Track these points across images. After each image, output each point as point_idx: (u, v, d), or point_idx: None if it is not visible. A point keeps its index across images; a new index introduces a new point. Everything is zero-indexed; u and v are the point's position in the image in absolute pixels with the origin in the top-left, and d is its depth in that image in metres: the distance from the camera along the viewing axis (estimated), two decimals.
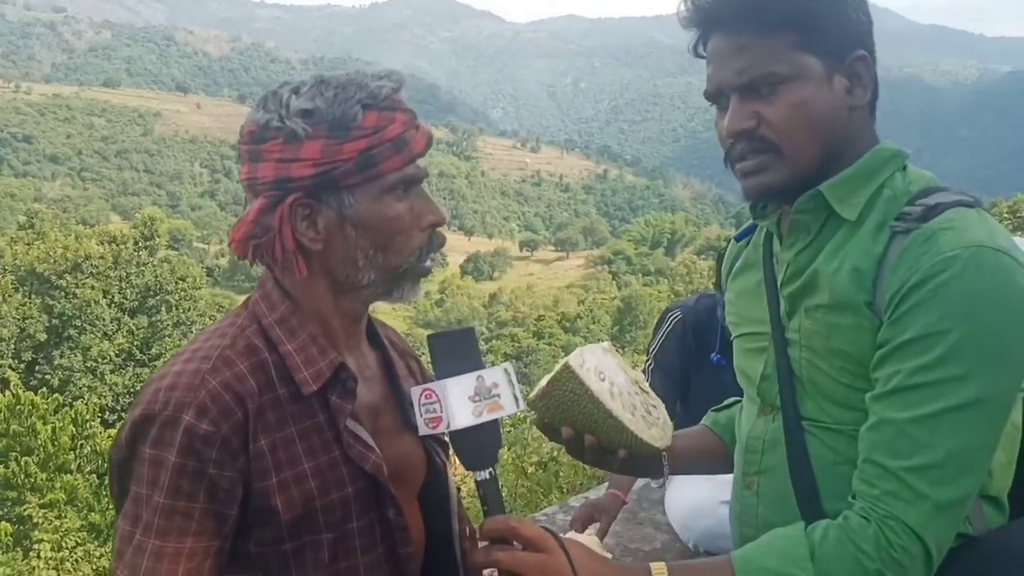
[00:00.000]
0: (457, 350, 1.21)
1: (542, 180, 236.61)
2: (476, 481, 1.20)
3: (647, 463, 1.53)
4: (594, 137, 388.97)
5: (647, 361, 3.24)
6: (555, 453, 7.15)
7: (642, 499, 3.62)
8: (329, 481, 1.30)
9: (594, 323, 61.62)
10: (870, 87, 1.37)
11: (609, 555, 2.13)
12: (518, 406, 1.20)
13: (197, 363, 1.26)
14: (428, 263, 1.38)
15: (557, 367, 1.37)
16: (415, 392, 1.21)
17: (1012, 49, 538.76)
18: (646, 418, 1.45)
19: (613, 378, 1.42)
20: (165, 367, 1.29)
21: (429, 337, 1.21)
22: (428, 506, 1.49)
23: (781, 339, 1.44)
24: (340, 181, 1.27)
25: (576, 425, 1.42)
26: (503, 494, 1.15)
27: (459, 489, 1.56)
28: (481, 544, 1.20)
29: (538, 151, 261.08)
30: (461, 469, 1.28)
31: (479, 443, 1.19)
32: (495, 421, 1.19)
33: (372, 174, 1.28)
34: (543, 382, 1.39)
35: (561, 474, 7.48)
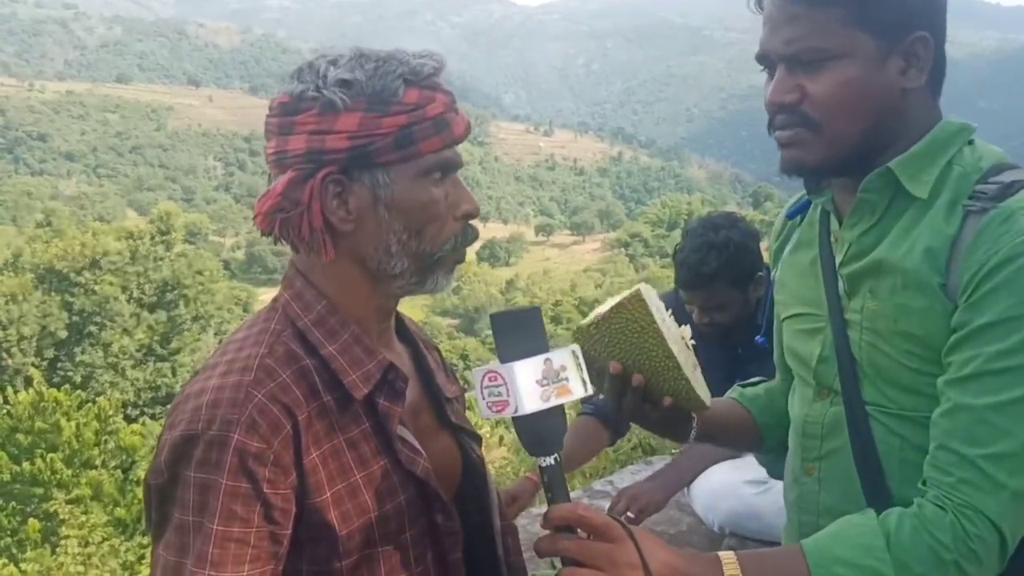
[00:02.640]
0: (522, 330, 1.14)
1: (556, 164, 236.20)
2: (540, 467, 1.16)
3: (675, 421, 1.46)
4: (608, 119, 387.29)
5: None
6: None
7: None
8: (383, 491, 1.24)
9: None
10: (926, 69, 1.31)
11: None
12: (586, 390, 1.14)
13: (237, 375, 1.18)
14: (462, 253, 1.33)
15: (624, 294, 1.30)
16: (477, 374, 1.14)
17: None
18: (695, 372, 1.39)
19: (670, 324, 1.35)
20: (199, 382, 1.21)
21: (492, 316, 1.15)
22: (464, 504, 1.41)
23: (840, 321, 1.39)
24: (376, 158, 1.20)
25: (628, 361, 1.33)
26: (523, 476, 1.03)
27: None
28: (545, 532, 1.15)
29: (551, 135, 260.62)
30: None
31: (545, 428, 1.13)
32: (561, 405, 1.14)
33: (410, 153, 1.21)
34: (602, 308, 1.32)
35: None
